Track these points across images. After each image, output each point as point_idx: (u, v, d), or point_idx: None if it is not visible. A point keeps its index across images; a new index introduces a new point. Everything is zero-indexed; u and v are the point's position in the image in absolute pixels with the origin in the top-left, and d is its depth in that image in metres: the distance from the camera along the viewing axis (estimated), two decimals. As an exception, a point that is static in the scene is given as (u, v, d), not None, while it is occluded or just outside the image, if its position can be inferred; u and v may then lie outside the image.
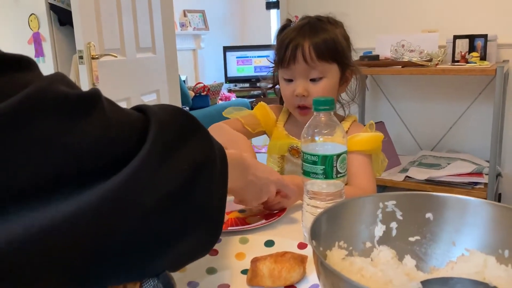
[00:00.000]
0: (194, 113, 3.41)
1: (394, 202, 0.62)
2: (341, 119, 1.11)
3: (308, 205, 0.76)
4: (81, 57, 2.05)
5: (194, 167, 0.52)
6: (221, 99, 4.43)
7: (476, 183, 1.71)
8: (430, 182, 1.77)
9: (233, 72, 6.58)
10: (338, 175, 0.72)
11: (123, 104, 2.36)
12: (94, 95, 0.44)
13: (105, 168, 0.43)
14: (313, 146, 0.73)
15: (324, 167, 0.72)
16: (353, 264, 0.54)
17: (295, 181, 0.93)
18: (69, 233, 0.39)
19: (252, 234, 0.78)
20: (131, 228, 0.43)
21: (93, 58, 2.08)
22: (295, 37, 1.01)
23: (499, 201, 1.91)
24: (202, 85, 3.68)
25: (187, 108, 3.29)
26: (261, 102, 1.19)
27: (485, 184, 1.70)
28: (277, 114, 1.17)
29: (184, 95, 3.28)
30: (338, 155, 0.72)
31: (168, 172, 0.48)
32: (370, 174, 1.03)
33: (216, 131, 1.08)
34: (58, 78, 0.45)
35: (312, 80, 1.02)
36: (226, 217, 0.87)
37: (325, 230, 0.57)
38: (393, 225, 0.62)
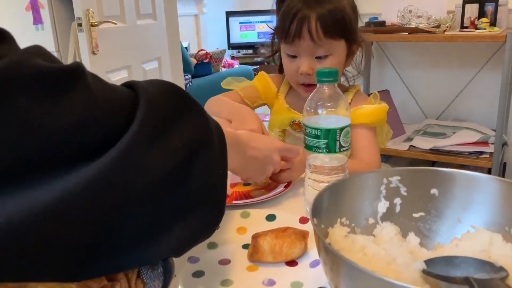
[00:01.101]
0: (196, 81, 3.37)
1: (399, 177, 0.60)
2: (344, 89, 1.08)
3: (310, 179, 0.74)
4: (79, 25, 2.01)
5: (189, 146, 0.49)
6: (224, 66, 4.36)
7: (482, 153, 1.69)
8: (435, 151, 1.74)
9: (236, 38, 6.47)
10: (341, 149, 0.71)
11: (124, 73, 2.33)
12: (77, 69, 0.40)
13: (90, 150, 0.40)
14: (316, 120, 0.71)
15: (327, 141, 0.70)
16: (355, 242, 0.52)
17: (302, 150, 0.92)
18: (52, 221, 0.36)
19: (253, 209, 0.77)
20: (120, 213, 0.41)
21: (92, 26, 2.03)
22: (301, 9, 0.94)
23: (504, 170, 1.89)
24: (204, 52, 3.62)
25: (189, 76, 3.24)
26: (262, 72, 1.15)
27: (491, 153, 1.68)
28: (278, 85, 1.13)
29: (186, 62, 3.23)
30: (342, 129, 0.70)
31: (159, 153, 0.45)
32: (374, 147, 1.01)
33: (217, 104, 1.05)
34: (35, 50, 0.41)
35: (318, 57, 0.97)
36: (230, 190, 0.86)
37: (327, 207, 0.56)
38: (397, 201, 0.61)
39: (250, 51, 6.58)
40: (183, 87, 3.03)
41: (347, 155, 0.72)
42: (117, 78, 2.26)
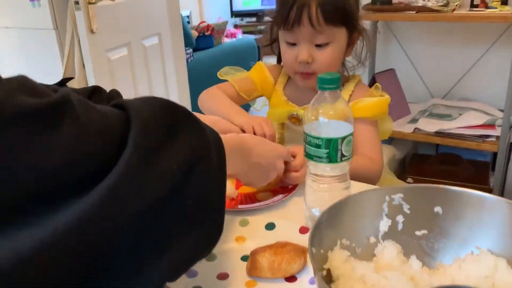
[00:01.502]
0: (198, 54, 3.30)
1: (402, 195, 0.58)
2: (345, 80, 1.05)
3: (311, 187, 0.72)
4: (76, 3, 1.95)
5: (184, 165, 0.47)
6: (226, 36, 4.27)
7: (488, 136, 1.66)
8: (440, 134, 1.71)
9: (239, 5, 6.33)
10: (343, 158, 0.68)
11: (124, 50, 2.29)
12: (63, 103, 0.39)
13: (82, 183, 0.39)
14: (317, 128, 0.68)
15: (328, 150, 0.67)
16: (355, 270, 0.51)
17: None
18: (45, 261, 0.36)
19: (253, 216, 0.76)
20: (114, 243, 0.40)
21: (89, 3, 1.97)
22: None
23: (509, 152, 1.86)
24: (206, 24, 3.53)
25: (191, 50, 3.18)
26: (259, 62, 1.12)
27: (497, 137, 1.65)
28: (276, 76, 1.10)
29: (187, 36, 3.15)
30: (343, 138, 0.67)
31: (154, 177, 0.44)
32: (376, 142, 0.99)
33: (212, 100, 1.02)
34: (19, 84, 0.39)
35: (318, 45, 0.94)
36: (236, 192, 0.84)
37: (327, 227, 0.54)
38: (400, 218, 0.59)
39: (254, 19, 6.45)
40: (185, 63, 2.98)
41: (349, 163, 0.70)
42: (116, 56, 2.22)
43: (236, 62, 3.79)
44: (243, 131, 0.89)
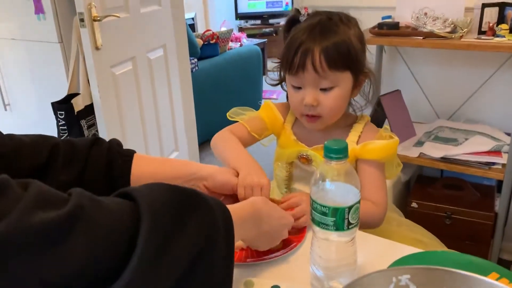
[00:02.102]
0: (203, 63, 3.29)
1: (409, 276, 0.58)
2: (353, 120, 1.04)
3: (317, 248, 0.72)
4: (82, 20, 1.94)
5: (192, 256, 0.49)
6: (231, 40, 4.26)
7: (494, 163, 1.65)
8: (446, 160, 1.70)
9: (244, 8, 6.32)
10: (350, 227, 0.68)
11: (128, 65, 2.28)
12: (75, 214, 0.41)
13: (98, 284, 0.41)
14: (323, 196, 0.68)
15: (334, 219, 0.67)
16: None
17: (306, 197, 0.90)
18: None
19: (258, 277, 0.76)
20: None
21: (94, 20, 1.97)
22: (305, 41, 0.91)
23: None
24: (211, 32, 3.52)
25: (196, 59, 3.17)
26: (267, 101, 1.11)
27: (503, 164, 1.64)
28: (284, 114, 1.10)
29: (192, 44, 3.15)
30: (351, 207, 0.67)
31: (162, 272, 0.45)
32: (381, 186, 0.98)
33: (224, 145, 1.02)
34: (35, 197, 0.41)
35: (323, 89, 0.94)
36: (243, 243, 0.84)
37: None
38: (406, 299, 0.58)
39: (258, 22, 6.44)
40: (189, 73, 2.98)
41: (356, 230, 0.69)
42: (121, 71, 2.22)
43: (241, 70, 3.81)
44: None
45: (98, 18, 1.97)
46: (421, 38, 1.63)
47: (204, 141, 3.23)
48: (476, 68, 1.90)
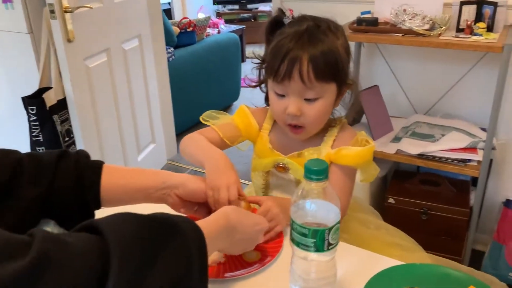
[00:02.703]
0: (180, 51, 3.22)
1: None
2: (329, 124, 1.02)
3: (297, 267, 0.71)
4: (52, 11, 1.87)
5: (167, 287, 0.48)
6: (208, 26, 4.18)
7: (470, 160, 1.67)
8: (423, 157, 1.72)
9: (221, -8, 6.20)
10: (330, 247, 0.67)
11: (103, 56, 2.21)
12: (38, 262, 0.38)
13: None
14: (303, 217, 0.67)
15: (315, 240, 0.66)
16: None
17: (275, 200, 0.91)
18: None
19: (236, 295, 0.75)
20: None
21: (66, 12, 1.89)
22: (292, 49, 0.88)
23: (490, 167, 1.88)
24: (187, 20, 3.45)
25: (172, 48, 3.10)
26: (242, 106, 1.08)
27: (479, 161, 1.66)
28: (261, 120, 1.07)
29: (168, 33, 3.07)
30: (331, 228, 0.66)
31: None
32: (347, 192, 0.98)
33: (192, 145, 1.00)
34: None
35: (307, 99, 0.92)
36: (222, 257, 0.83)
37: None
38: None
39: (236, 7, 6.35)
40: (166, 63, 2.92)
41: (336, 250, 0.69)
42: (95, 63, 2.15)
43: (219, 59, 3.75)
44: None
45: (70, 9, 1.90)
46: (400, 35, 1.63)
47: (182, 132, 3.19)
48: (453, 64, 1.91)
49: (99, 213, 0.73)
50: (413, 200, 1.80)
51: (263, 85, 1.06)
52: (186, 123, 3.20)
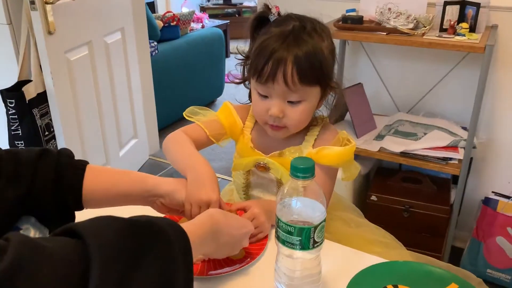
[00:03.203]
0: (163, 46, 3.19)
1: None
2: (311, 122, 1.01)
3: (282, 265, 0.71)
4: (32, 2, 1.82)
5: None
6: (192, 21, 4.15)
7: (451, 158, 1.69)
8: (405, 155, 1.74)
9: (206, -14, 6.16)
10: (315, 245, 0.67)
11: (84, 49, 2.17)
12: (11, 273, 0.37)
13: None
14: (289, 215, 0.66)
15: (300, 238, 0.66)
16: None
17: (262, 206, 0.90)
18: None
19: (220, 292, 0.74)
20: None
21: (46, 3, 1.85)
22: (278, 50, 0.87)
23: (470, 165, 1.91)
24: (171, 14, 3.41)
25: (155, 43, 3.06)
26: (226, 102, 1.07)
27: (460, 160, 1.69)
28: (243, 117, 1.06)
29: (152, 27, 3.04)
30: (316, 226, 0.66)
31: None
32: (327, 191, 0.97)
33: (176, 148, 0.96)
34: None
35: (290, 101, 0.91)
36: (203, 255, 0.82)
37: None
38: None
39: (221, 1, 6.31)
40: (149, 57, 2.88)
41: (321, 248, 0.69)
42: (76, 56, 2.11)
43: (203, 54, 3.72)
44: None
45: (51, 1, 1.86)
46: (385, 34, 1.64)
47: (164, 127, 3.16)
48: (436, 63, 1.94)
49: (82, 214, 0.71)
50: (395, 198, 1.82)
51: (247, 82, 1.05)
52: (169, 118, 3.17)
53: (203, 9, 6.02)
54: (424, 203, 1.79)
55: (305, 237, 0.65)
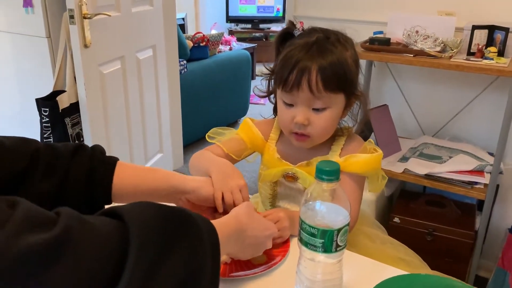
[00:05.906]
0: (192, 65, 3.27)
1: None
2: (336, 132, 1.03)
3: (304, 268, 0.71)
4: (71, 17, 1.91)
5: (179, 283, 0.48)
6: (221, 43, 4.25)
7: (476, 183, 1.67)
8: (429, 177, 1.72)
9: (235, 11, 6.31)
10: (338, 249, 0.68)
11: (117, 64, 2.25)
12: (63, 237, 0.40)
13: None
14: (313, 217, 0.67)
15: (323, 241, 0.66)
16: None
17: (286, 212, 0.91)
18: None
19: (242, 294, 0.75)
20: None
21: (85, 18, 1.94)
22: (302, 59, 0.90)
23: (496, 192, 1.88)
24: (201, 35, 3.50)
25: (185, 61, 3.14)
26: (246, 119, 1.10)
27: (485, 184, 1.66)
28: (266, 131, 1.08)
29: (181, 46, 3.12)
30: (340, 229, 0.66)
31: None
32: (356, 199, 0.98)
33: (199, 160, 1.01)
34: (23, 219, 0.40)
35: (315, 109, 0.93)
36: (226, 257, 0.84)
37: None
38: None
39: (249, 26, 6.44)
40: (178, 75, 2.96)
41: (343, 252, 0.69)
42: (109, 70, 2.19)
43: (230, 74, 3.80)
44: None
45: (89, 16, 1.94)
46: (412, 55, 1.65)
47: (189, 144, 3.21)
48: (462, 88, 1.93)
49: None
50: (418, 221, 1.80)
51: (272, 96, 1.07)
52: (194, 135, 3.22)
53: (231, 32, 6.15)
54: (448, 227, 1.76)
55: (328, 240, 0.66)
